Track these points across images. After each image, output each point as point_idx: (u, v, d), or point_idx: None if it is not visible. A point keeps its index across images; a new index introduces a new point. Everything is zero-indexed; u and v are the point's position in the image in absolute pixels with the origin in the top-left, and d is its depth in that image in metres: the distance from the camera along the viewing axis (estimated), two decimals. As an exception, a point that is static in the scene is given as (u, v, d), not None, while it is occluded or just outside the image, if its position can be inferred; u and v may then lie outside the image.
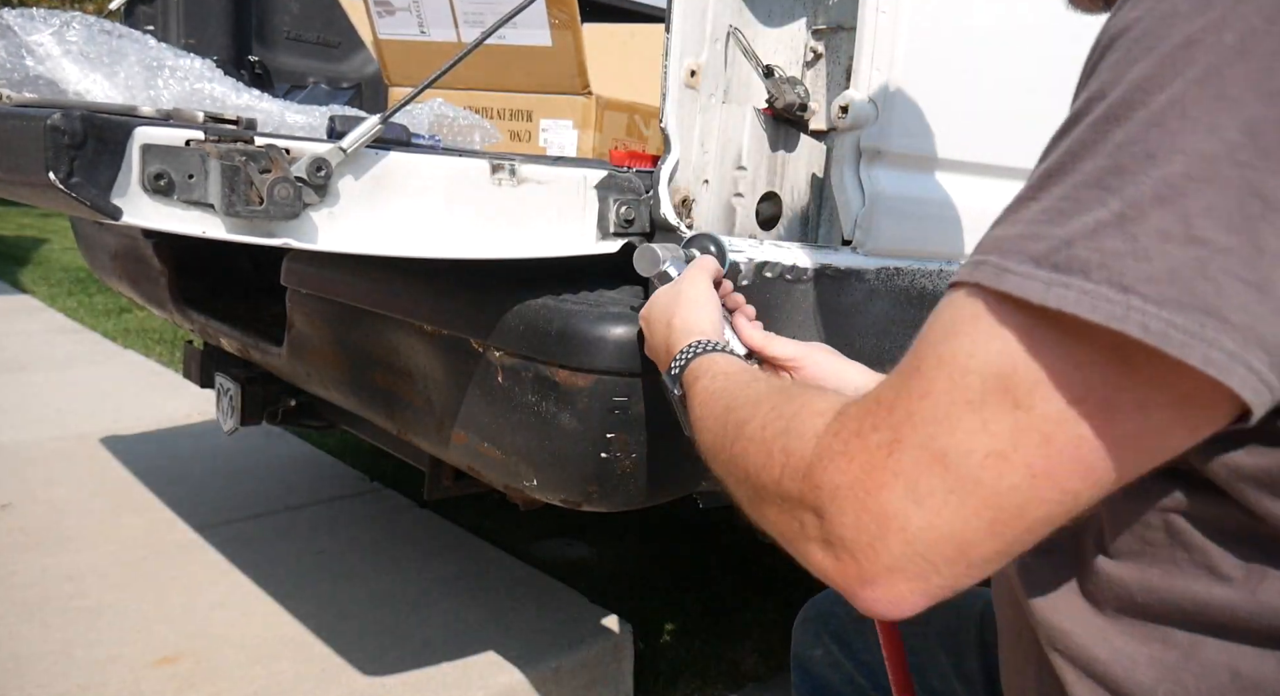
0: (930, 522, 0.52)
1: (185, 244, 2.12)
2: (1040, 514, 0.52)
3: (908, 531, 0.53)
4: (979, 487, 0.51)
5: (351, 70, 2.76)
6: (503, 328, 1.19)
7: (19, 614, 2.05)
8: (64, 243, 7.94)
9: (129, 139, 0.88)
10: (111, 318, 5.25)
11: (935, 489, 0.52)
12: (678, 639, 2.30)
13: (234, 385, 2.08)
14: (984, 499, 0.51)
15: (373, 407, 1.55)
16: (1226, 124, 0.46)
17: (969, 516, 0.52)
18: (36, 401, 3.60)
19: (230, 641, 2.00)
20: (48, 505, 2.65)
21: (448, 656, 1.97)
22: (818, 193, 1.28)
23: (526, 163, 1.10)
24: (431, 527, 2.66)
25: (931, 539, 0.53)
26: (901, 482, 0.53)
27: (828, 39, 1.25)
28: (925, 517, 0.52)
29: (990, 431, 0.50)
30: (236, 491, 2.84)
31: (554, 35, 1.74)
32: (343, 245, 0.99)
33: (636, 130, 1.90)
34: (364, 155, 0.98)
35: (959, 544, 0.53)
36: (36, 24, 1.36)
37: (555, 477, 1.19)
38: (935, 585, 0.55)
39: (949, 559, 0.53)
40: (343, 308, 1.51)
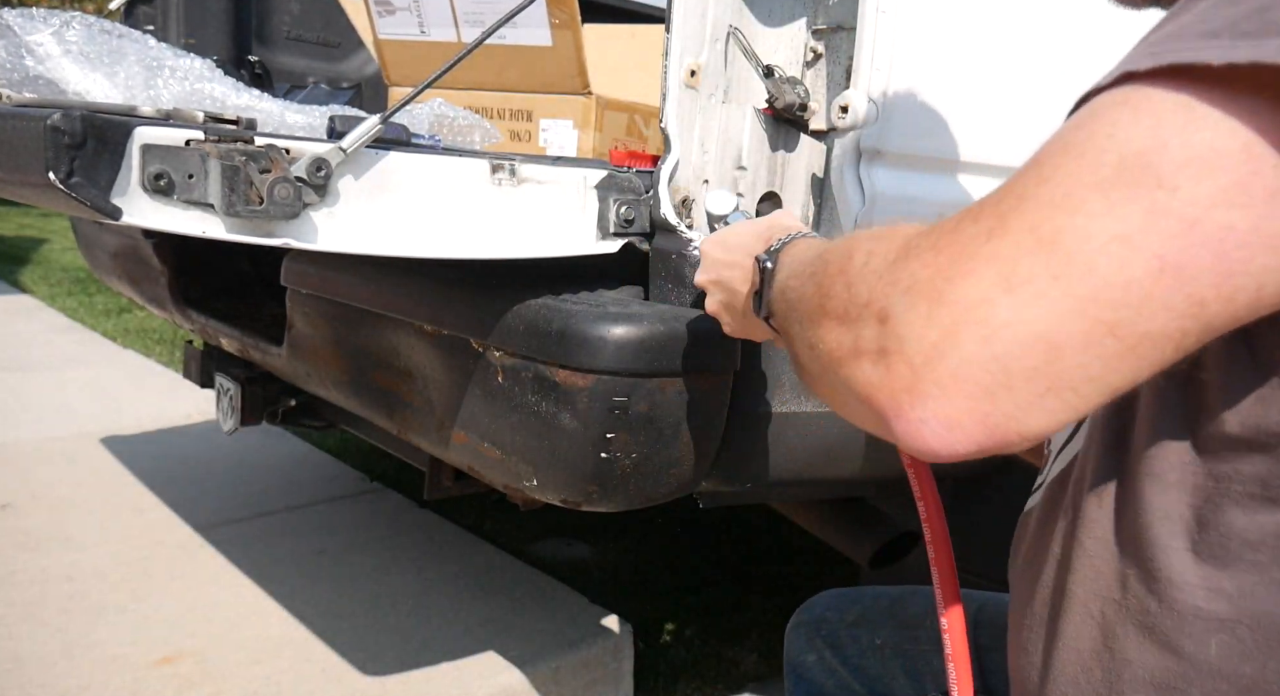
0: (1020, 315, 0.43)
1: (185, 244, 2.12)
2: (1154, 328, 0.43)
3: (988, 324, 0.44)
4: (1091, 275, 0.42)
5: (351, 70, 2.76)
6: (503, 328, 1.19)
7: (19, 614, 2.05)
8: (64, 243, 7.94)
9: (129, 139, 0.88)
10: (111, 318, 5.25)
11: (1037, 273, 0.43)
12: (678, 639, 2.30)
13: (234, 385, 2.08)
14: (1092, 291, 0.43)
15: (373, 407, 1.55)
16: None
17: (1069, 312, 0.43)
18: (36, 401, 3.60)
19: (230, 641, 2.00)
20: (48, 505, 2.65)
21: (448, 656, 1.97)
22: (818, 193, 1.28)
23: (526, 163, 1.10)
24: (431, 527, 2.66)
25: (1014, 336, 0.44)
26: (996, 267, 0.44)
27: (828, 39, 1.25)
28: (1015, 309, 0.43)
29: (1119, 213, 0.42)
30: (236, 491, 2.84)
31: (554, 35, 1.74)
32: (343, 245, 0.99)
33: (636, 130, 1.90)
34: (364, 155, 0.98)
35: (1049, 347, 0.43)
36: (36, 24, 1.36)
37: (555, 477, 1.19)
38: (1001, 410, 0.45)
39: (1031, 369, 0.44)
40: (343, 308, 1.51)
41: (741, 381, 1.21)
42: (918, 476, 0.87)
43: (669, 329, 1.12)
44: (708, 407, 1.18)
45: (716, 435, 1.21)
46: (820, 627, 1.14)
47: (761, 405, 1.24)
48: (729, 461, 1.24)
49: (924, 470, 0.88)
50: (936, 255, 0.47)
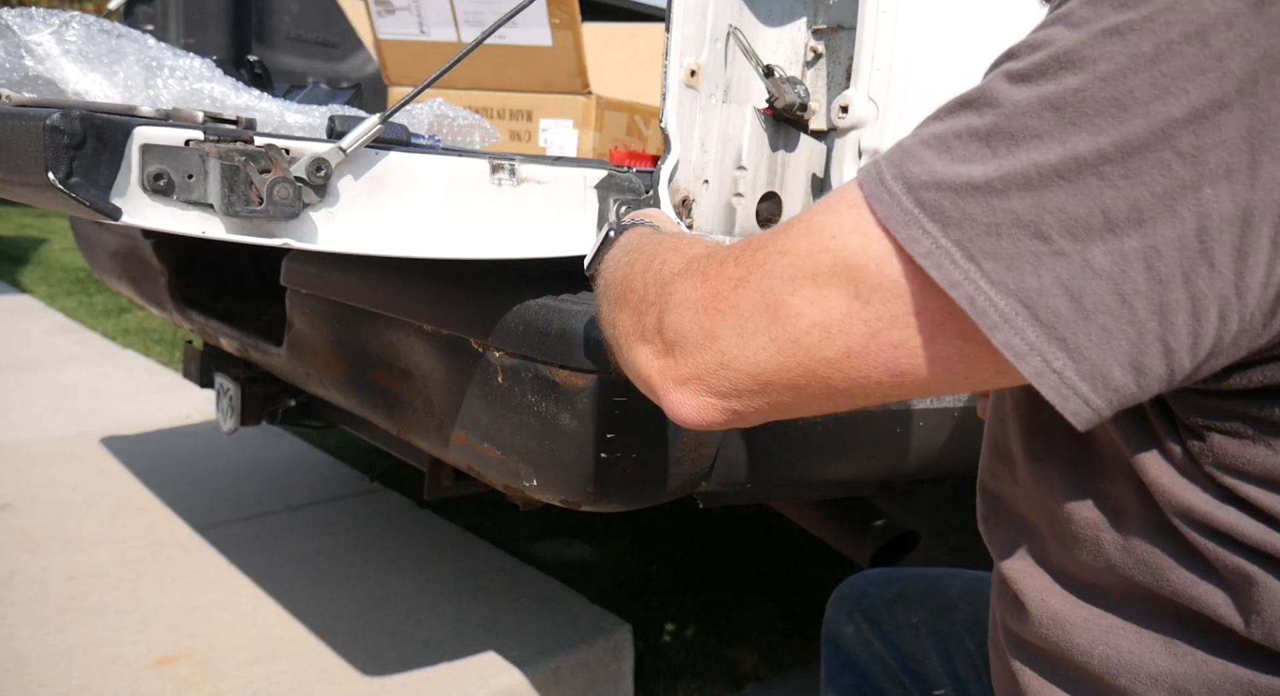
0: (745, 356, 0.58)
1: (185, 244, 2.12)
2: (840, 387, 0.57)
3: (725, 354, 0.59)
4: (796, 347, 0.56)
5: (351, 70, 2.75)
6: (503, 328, 1.19)
7: (19, 614, 2.05)
8: (64, 243, 7.94)
9: (128, 139, 0.88)
10: (111, 317, 5.24)
11: (759, 332, 0.57)
12: (678, 639, 2.30)
13: (234, 385, 2.08)
14: (797, 357, 0.56)
15: (373, 407, 1.55)
16: (1108, 131, 0.47)
17: (779, 366, 0.57)
18: (36, 401, 3.60)
19: (230, 641, 2.00)
20: (48, 505, 2.65)
21: (448, 656, 1.97)
22: (818, 193, 1.28)
23: (526, 163, 1.10)
24: (431, 528, 2.66)
25: (742, 368, 0.59)
26: (735, 315, 0.58)
27: (828, 39, 1.25)
28: (742, 351, 0.58)
29: (824, 307, 0.55)
30: (236, 491, 2.84)
31: (554, 35, 1.73)
32: (343, 245, 0.99)
33: (636, 130, 1.90)
34: (364, 155, 0.98)
35: (763, 383, 0.59)
36: (35, 23, 1.36)
37: (555, 477, 1.19)
38: (733, 407, 0.61)
39: (751, 391, 0.59)
40: (343, 308, 1.51)
41: (741, 381, 1.20)
42: None
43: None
44: (708, 408, 1.18)
45: (716, 435, 1.21)
46: (860, 602, 1.17)
47: (761, 405, 1.24)
48: (729, 461, 1.24)
49: None
50: (703, 282, 0.61)
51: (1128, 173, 0.47)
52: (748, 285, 0.58)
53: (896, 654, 1.11)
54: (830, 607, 1.21)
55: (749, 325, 0.58)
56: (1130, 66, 0.47)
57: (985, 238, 0.49)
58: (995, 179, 0.49)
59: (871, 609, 1.16)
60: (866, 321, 0.54)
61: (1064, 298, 0.48)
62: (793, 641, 2.28)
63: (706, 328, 0.60)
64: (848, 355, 0.55)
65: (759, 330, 0.57)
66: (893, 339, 0.53)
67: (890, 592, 1.16)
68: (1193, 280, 0.47)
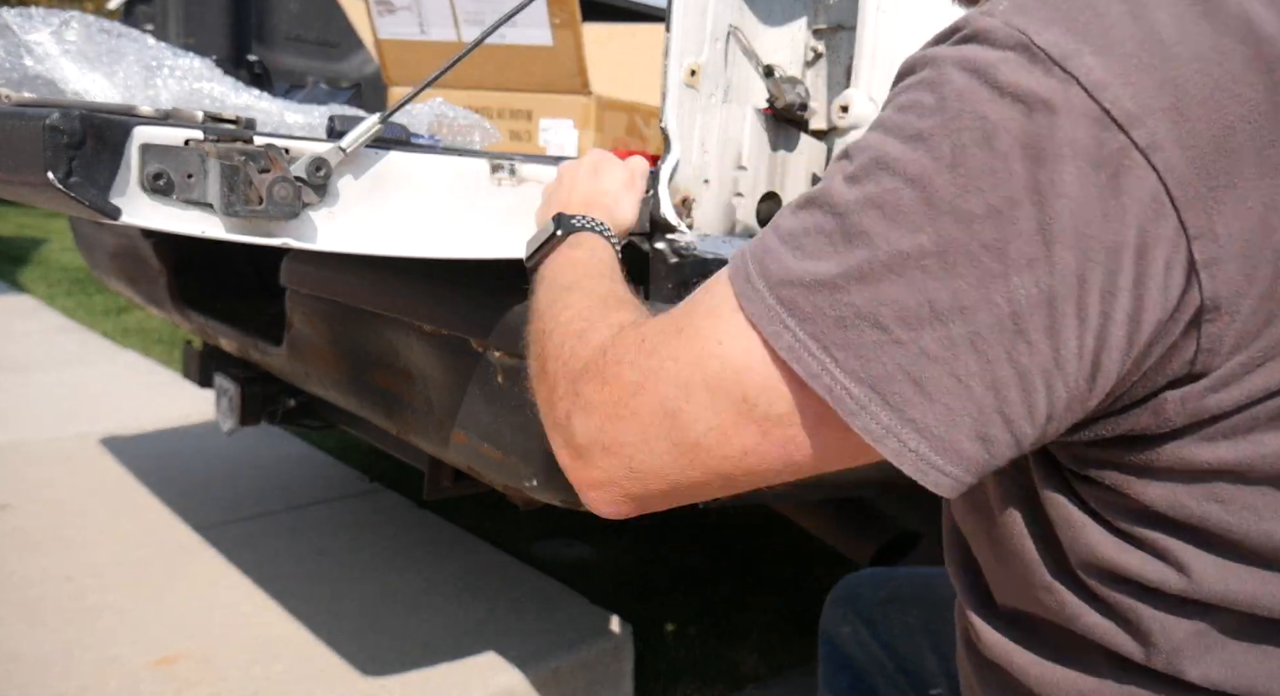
0: (650, 462, 0.61)
1: (184, 244, 2.12)
2: (743, 480, 0.60)
3: (632, 461, 0.62)
4: (696, 450, 0.59)
5: (351, 70, 2.75)
6: (503, 328, 1.19)
7: (19, 614, 2.05)
8: (64, 243, 7.94)
9: (128, 138, 0.88)
10: (111, 318, 5.24)
11: (661, 437, 0.60)
12: (678, 639, 2.30)
13: (233, 385, 2.08)
14: (698, 458, 0.60)
15: (372, 407, 1.55)
16: (926, 229, 0.51)
17: (682, 467, 0.61)
18: (36, 401, 3.60)
19: (230, 641, 2.00)
20: (48, 505, 2.65)
21: (448, 656, 1.97)
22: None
23: (526, 162, 1.10)
24: (431, 528, 2.66)
25: (649, 472, 0.62)
26: (637, 424, 0.61)
27: (828, 38, 1.25)
28: (647, 457, 0.61)
29: (717, 410, 0.58)
30: (236, 491, 2.84)
31: (554, 35, 1.73)
32: (342, 245, 0.99)
33: (636, 130, 1.90)
34: (364, 155, 0.98)
35: (671, 483, 0.62)
36: (35, 23, 1.36)
37: (555, 478, 1.19)
38: (646, 502, 0.64)
39: (660, 492, 0.63)
40: (343, 308, 1.51)
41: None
42: None
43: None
44: (708, 408, 1.18)
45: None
46: (856, 602, 1.18)
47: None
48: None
49: None
50: (603, 387, 0.63)
51: (945, 265, 0.51)
52: (644, 393, 0.61)
53: (892, 654, 1.12)
54: (826, 608, 1.22)
55: (650, 432, 0.60)
56: (934, 169, 0.51)
57: (835, 330, 0.53)
58: (837, 275, 0.53)
59: (866, 609, 1.17)
60: (757, 421, 0.57)
61: (907, 382, 0.52)
62: (793, 641, 2.28)
63: (612, 436, 0.62)
64: (744, 454, 0.58)
65: (660, 435, 0.60)
66: (782, 437, 0.57)
67: (884, 593, 1.17)
68: (1015, 357, 0.51)
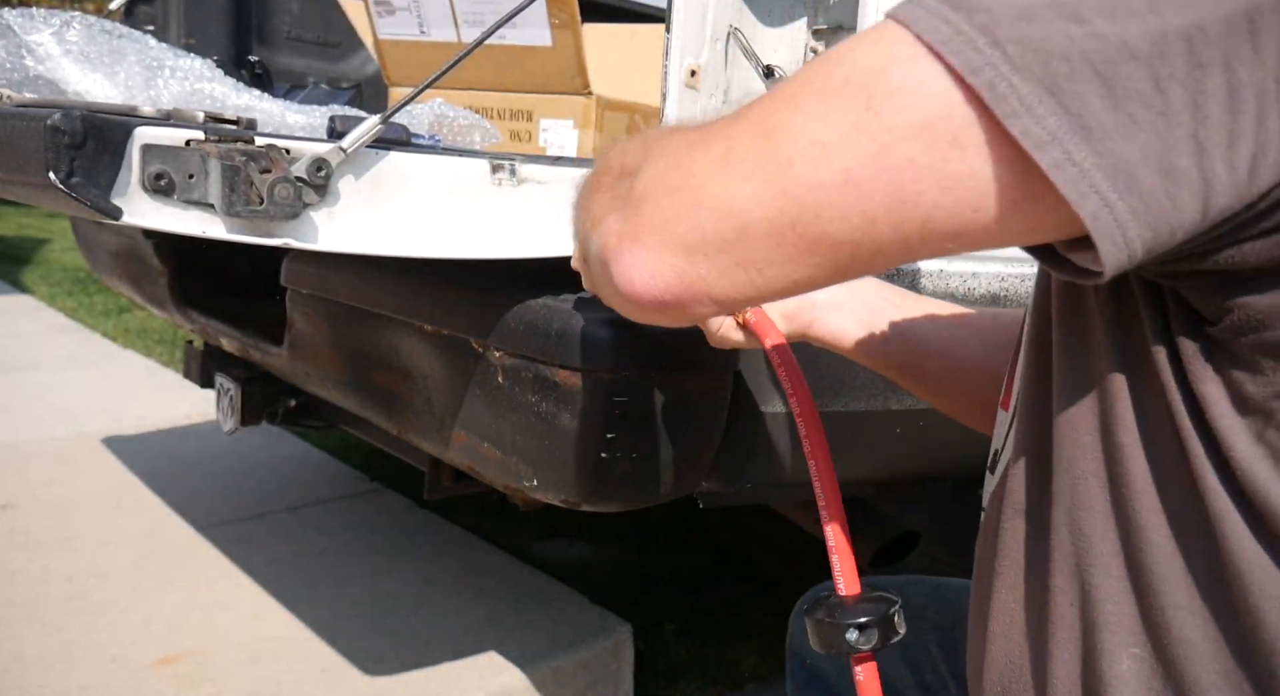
0: (725, 191, 0.50)
1: (185, 244, 2.12)
2: (830, 231, 0.48)
3: (701, 192, 0.51)
4: (786, 171, 0.48)
5: (351, 70, 2.75)
6: (503, 328, 1.19)
7: (19, 614, 2.05)
8: (64, 243, 7.94)
9: (129, 139, 0.88)
10: (111, 318, 5.24)
11: (748, 158, 0.49)
12: (678, 639, 2.30)
13: (234, 385, 2.08)
14: (785, 185, 0.48)
15: (373, 407, 1.55)
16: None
17: (762, 198, 0.49)
18: (36, 401, 3.60)
19: (230, 641, 2.00)
20: (48, 505, 2.65)
21: (448, 656, 1.97)
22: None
23: (526, 163, 1.10)
24: (431, 528, 2.66)
25: (717, 206, 0.50)
26: (722, 145, 0.51)
27: (828, 39, 1.25)
28: (723, 184, 0.50)
29: (829, 121, 0.47)
30: (236, 491, 2.84)
31: (554, 35, 1.74)
32: (343, 245, 0.99)
33: (636, 130, 1.90)
34: (364, 155, 0.98)
35: (739, 226, 0.50)
36: (36, 24, 1.36)
37: (555, 477, 1.19)
38: (694, 271, 0.52)
39: (722, 240, 0.50)
40: (343, 308, 1.51)
41: (741, 381, 1.21)
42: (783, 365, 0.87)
43: (669, 329, 1.12)
44: (708, 407, 1.18)
45: (716, 435, 1.21)
46: None
47: (761, 405, 1.24)
48: (729, 461, 1.24)
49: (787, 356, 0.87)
50: (694, 131, 0.53)
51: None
52: (745, 117, 0.51)
53: None
54: (793, 622, 1.17)
55: (736, 152, 0.50)
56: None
57: (1014, 22, 0.44)
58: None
59: None
60: (874, 134, 0.46)
61: (1093, 81, 0.43)
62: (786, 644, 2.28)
63: (686, 166, 0.52)
64: (846, 179, 0.47)
65: (746, 156, 0.49)
66: (902, 156, 0.46)
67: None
68: (1233, 67, 0.43)
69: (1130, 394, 0.55)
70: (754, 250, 0.50)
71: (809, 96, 0.48)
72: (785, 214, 0.49)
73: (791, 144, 0.48)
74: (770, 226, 0.49)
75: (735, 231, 0.50)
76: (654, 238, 0.52)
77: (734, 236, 0.50)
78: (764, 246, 0.50)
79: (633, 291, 0.53)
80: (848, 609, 0.85)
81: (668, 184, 0.52)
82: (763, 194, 0.49)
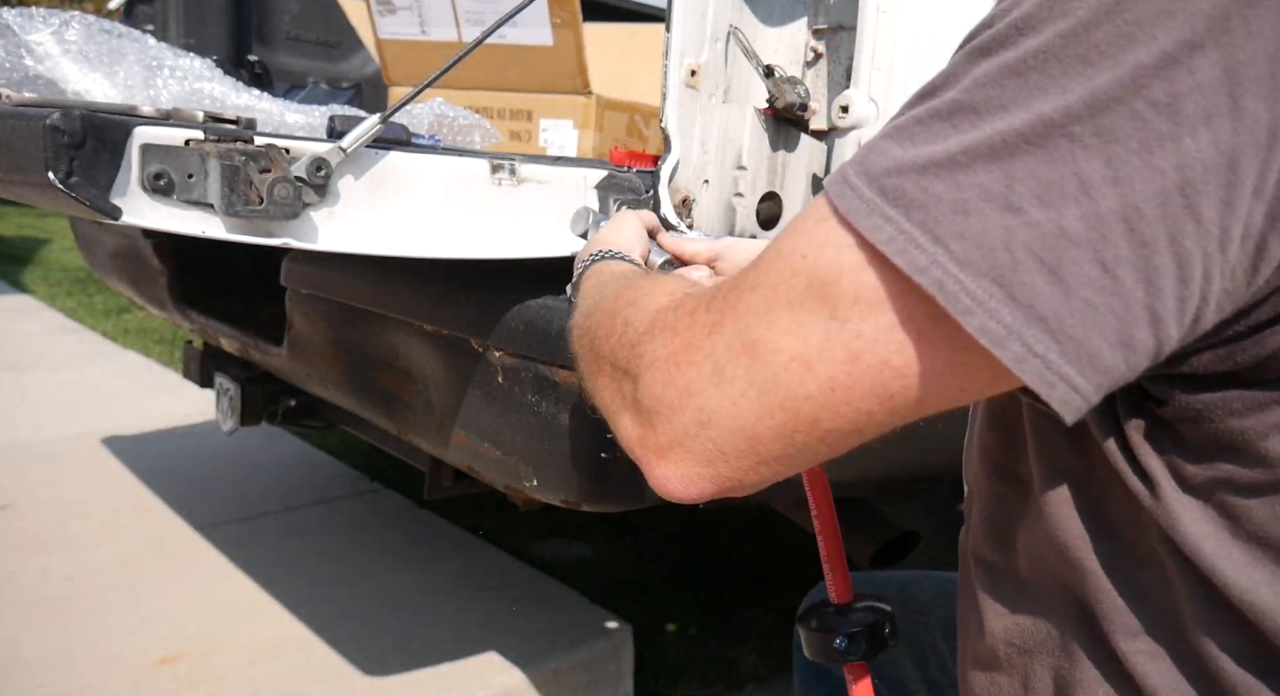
0: (726, 409, 0.53)
1: (185, 244, 2.12)
2: (833, 428, 0.51)
3: (704, 411, 0.53)
4: (776, 388, 0.51)
5: (351, 70, 2.75)
6: (503, 328, 1.19)
7: (19, 614, 2.05)
8: (64, 243, 7.94)
9: (128, 139, 0.88)
10: (111, 318, 5.24)
11: (738, 378, 0.52)
12: (678, 639, 2.30)
13: (234, 385, 2.07)
14: (779, 400, 0.51)
15: (373, 407, 1.55)
16: (1075, 89, 0.44)
17: (762, 414, 0.52)
18: (36, 401, 3.60)
19: (230, 641, 2.00)
20: (48, 505, 2.65)
21: (448, 656, 1.97)
22: (818, 193, 1.28)
23: (526, 163, 1.10)
24: (431, 528, 2.66)
25: (723, 425, 0.53)
26: (710, 364, 0.53)
27: (828, 38, 1.25)
28: (722, 403, 0.53)
29: (801, 336, 0.50)
30: (236, 491, 2.84)
31: (555, 35, 1.74)
32: (343, 245, 0.99)
33: (636, 130, 1.90)
34: (364, 155, 0.98)
35: (749, 438, 0.53)
36: (36, 23, 1.36)
37: (555, 477, 1.19)
38: (723, 474, 0.55)
39: (738, 450, 0.53)
40: (343, 308, 1.51)
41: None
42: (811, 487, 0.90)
43: (669, 329, 1.12)
44: (708, 408, 1.18)
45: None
46: None
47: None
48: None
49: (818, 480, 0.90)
50: (673, 337, 0.56)
51: (1099, 130, 0.44)
52: (720, 329, 0.53)
53: (873, 663, 1.10)
54: (800, 617, 1.19)
55: (726, 372, 0.52)
56: (1092, 20, 0.44)
57: (951, 217, 0.46)
58: (959, 153, 0.46)
59: None
60: (846, 343, 0.49)
61: (1039, 272, 0.44)
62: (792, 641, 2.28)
63: (680, 384, 0.54)
64: (832, 388, 0.50)
65: (737, 375, 0.52)
66: (876, 359, 0.49)
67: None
68: (1178, 240, 0.44)
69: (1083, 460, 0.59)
70: (769, 451, 0.53)
71: (778, 311, 0.51)
72: (787, 424, 0.52)
73: (773, 361, 0.51)
74: (777, 433, 0.52)
75: (747, 442, 0.53)
76: (676, 454, 0.55)
77: (747, 446, 0.53)
78: (777, 447, 0.53)
79: (671, 495, 0.57)
80: (838, 617, 0.85)
81: (668, 402, 0.55)
82: (760, 410, 0.52)
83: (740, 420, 0.52)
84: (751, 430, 0.52)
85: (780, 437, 0.52)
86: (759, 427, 0.52)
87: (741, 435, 0.53)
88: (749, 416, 0.52)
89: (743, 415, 0.52)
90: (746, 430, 0.52)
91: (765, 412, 0.51)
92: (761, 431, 0.52)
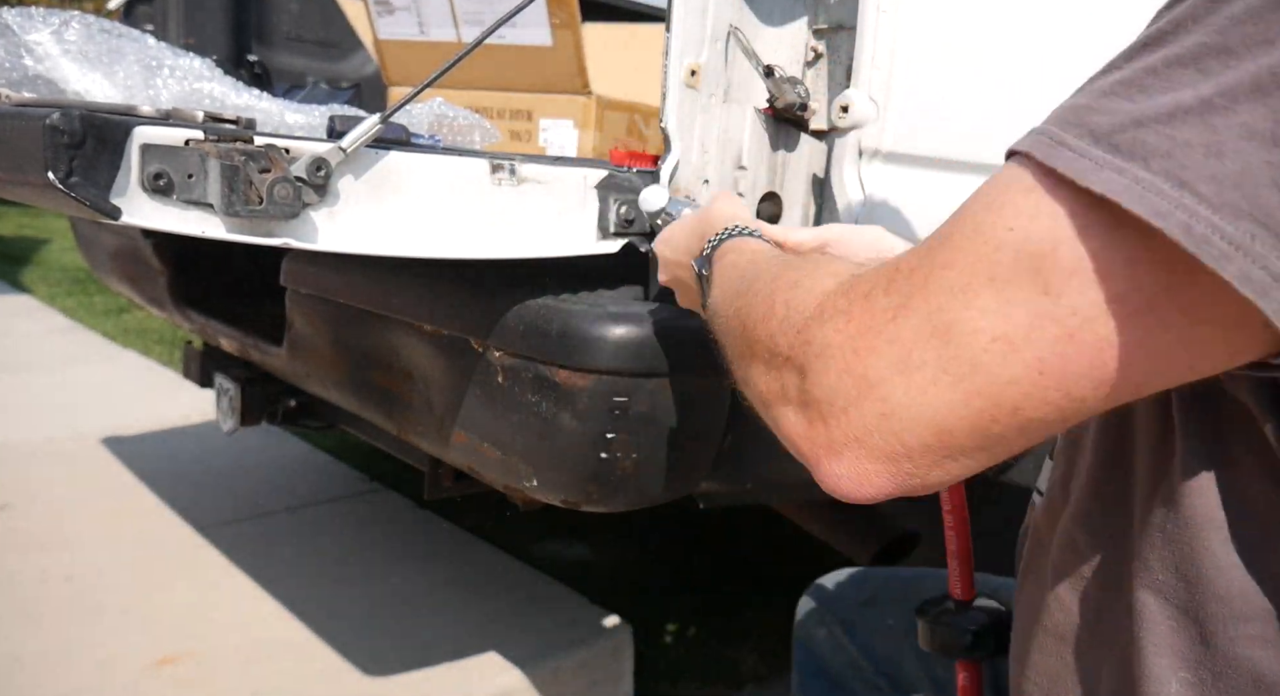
0: (913, 399, 0.48)
1: (185, 244, 2.12)
2: (1036, 416, 0.47)
3: (887, 402, 0.49)
4: (975, 372, 0.46)
5: (351, 70, 2.75)
6: (503, 328, 1.19)
7: (19, 614, 2.05)
8: (64, 243, 7.93)
9: (128, 138, 0.88)
10: (111, 318, 5.24)
11: (928, 363, 0.47)
12: (678, 639, 2.30)
13: (234, 385, 2.07)
14: (978, 386, 0.46)
15: (373, 407, 1.54)
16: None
17: (956, 402, 0.47)
18: (36, 401, 3.60)
19: (230, 641, 2.00)
20: (48, 505, 2.65)
21: (448, 657, 1.97)
22: (818, 193, 1.28)
23: (526, 162, 1.10)
24: (431, 528, 2.66)
25: (910, 417, 0.48)
26: (895, 350, 0.48)
27: (828, 38, 1.24)
28: (909, 393, 0.48)
29: (1007, 314, 0.45)
30: (236, 491, 2.84)
31: (554, 35, 1.74)
32: (343, 245, 0.99)
33: (636, 130, 1.90)
34: (364, 155, 0.98)
35: (938, 430, 0.48)
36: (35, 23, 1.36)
37: (555, 477, 1.19)
38: (905, 471, 0.50)
39: (925, 445, 0.49)
40: (343, 308, 1.51)
41: (742, 381, 1.20)
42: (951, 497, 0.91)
43: (669, 329, 1.12)
44: (708, 407, 1.18)
45: (716, 435, 1.21)
46: (832, 604, 1.15)
47: (762, 405, 1.24)
48: (729, 461, 1.24)
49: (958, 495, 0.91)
50: (848, 322, 0.51)
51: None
52: (906, 313, 0.48)
53: (872, 657, 1.09)
54: (801, 607, 1.18)
55: (913, 357, 0.47)
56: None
57: (1204, 161, 0.41)
58: (1214, 96, 0.41)
59: (844, 611, 1.14)
60: (1060, 320, 0.44)
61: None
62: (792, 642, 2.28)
63: (859, 373, 0.49)
64: (1041, 371, 0.45)
65: (926, 361, 0.47)
66: (1095, 337, 0.44)
67: (864, 594, 1.14)
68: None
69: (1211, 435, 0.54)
70: (960, 445, 0.49)
71: (978, 288, 0.46)
72: (984, 413, 0.47)
73: (972, 344, 0.46)
74: (971, 425, 0.48)
75: (935, 437, 0.48)
76: (852, 452, 0.51)
77: (935, 441, 0.49)
78: (970, 439, 0.48)
79: (844, 495, 0.53)
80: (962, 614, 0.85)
81: (844, 393, 0.50)
82: (954, 399, 0.47)
83: (930, 410, 0.48)
84: (942, 421, 0.48)
85: (975, 429, 0.48)
86: (951, 418, 0.48)
87: (930, 427, 0.48)
88: (940, 405, 0.47)
89: (933, 404, 0.48)
90: (936, 421, 0.48)
91: (960, 401, 0.47)
92: (953, 422, 0.48)
